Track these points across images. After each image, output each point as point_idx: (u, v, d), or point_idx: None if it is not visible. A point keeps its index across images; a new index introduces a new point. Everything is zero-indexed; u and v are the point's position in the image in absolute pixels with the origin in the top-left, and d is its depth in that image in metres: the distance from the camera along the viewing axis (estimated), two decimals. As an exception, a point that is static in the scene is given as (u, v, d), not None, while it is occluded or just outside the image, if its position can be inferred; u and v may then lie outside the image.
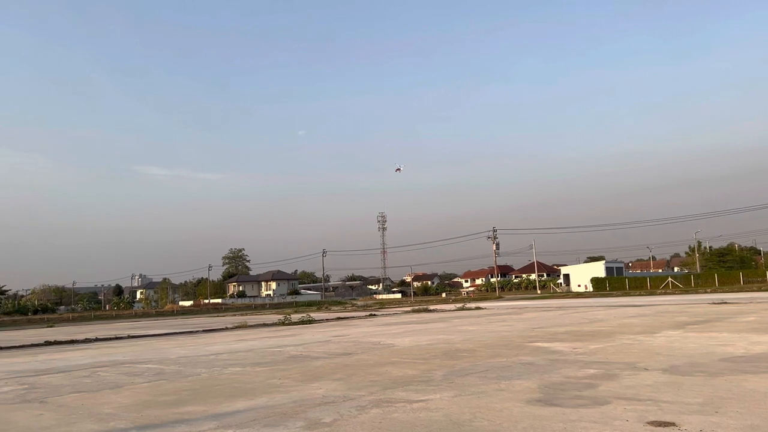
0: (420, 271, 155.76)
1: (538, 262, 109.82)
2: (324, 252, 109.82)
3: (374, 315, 35.55)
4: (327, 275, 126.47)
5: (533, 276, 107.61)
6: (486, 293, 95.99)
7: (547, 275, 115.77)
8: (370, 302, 74.98)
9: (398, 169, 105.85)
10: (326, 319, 31.80)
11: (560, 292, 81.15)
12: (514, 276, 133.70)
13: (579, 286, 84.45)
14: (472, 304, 45.23)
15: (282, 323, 28.48)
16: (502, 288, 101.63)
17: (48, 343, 21.92)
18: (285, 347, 15.85)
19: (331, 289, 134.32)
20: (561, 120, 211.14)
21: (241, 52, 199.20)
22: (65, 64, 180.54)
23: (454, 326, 21.75)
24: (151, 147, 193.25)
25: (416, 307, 44.40)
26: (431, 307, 43.20)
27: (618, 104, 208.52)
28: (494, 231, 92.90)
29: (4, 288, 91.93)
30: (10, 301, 77.61)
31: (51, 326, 43.95)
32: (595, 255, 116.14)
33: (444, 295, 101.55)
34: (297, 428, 6.02)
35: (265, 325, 29.19)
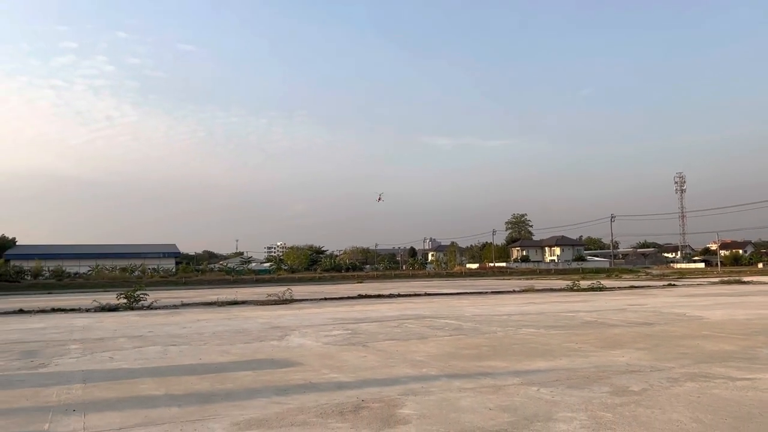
0: (727, 238, 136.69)
1: None
2: (612, 217, 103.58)
3: (673, 285, 32.51)
4: (616, 241, 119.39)
5: None
6: (819, 264, 79.99)
7: None
8: (666, 271, 68.76)
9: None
10: (618, 287, 30.16)
11: None
12: None
13: None
14: (801, 277, 38.21)
15: (570, 289, 27.88)
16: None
17: (360, 297, 25.06)
18: (577, 312, 15.51)
19: (620, 256, 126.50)
20: None
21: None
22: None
23: (778, 301, 18.70)
24: (437, 118, 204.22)
25: (725, 278, 39.27)
26: (745, 279, 37.77)
27: None
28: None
29: (323, 248, 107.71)
30: (328, 259, 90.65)
31: (360, 282, 50.12)
32: None
33: (761, 265, 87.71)
34: (603, 393, 5.86)
35: (552, 290, 28.94)
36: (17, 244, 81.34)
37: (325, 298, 24.41)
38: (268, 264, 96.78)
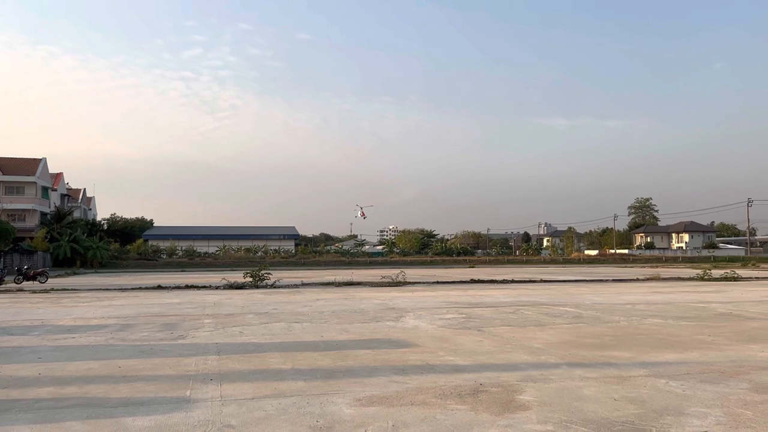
0: None
1: None
2: (749, 201, 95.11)
3: (823, 276, 29.36)
4: (753, 228, 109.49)
5: None
6: None
7: None
8: (814, 261, 62.09)
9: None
10: (755, 277, 27.77)
11: None
12: None
13: None
14: None
15: (700, 278, 26.06)
16: None
17: (473, 281, 24.92)
18: (709, 303, 14.48)
19: (758, 244, 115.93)
20: None
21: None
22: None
23: None
24: (551, 98, 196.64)
25: None
26: None
27: None
28: None
29: (434, 232, 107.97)
30: (439, 243, 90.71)
31: (472, 266, 49.81)
32: None
33: None
34: (741, 389, 5.47)
35: (680, 279, 27.18)
36: (154, 225, 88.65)
37: (438, 282, 24.54)
38: (380, 247, 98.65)
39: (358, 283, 22.85)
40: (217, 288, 21.05)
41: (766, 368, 6.48)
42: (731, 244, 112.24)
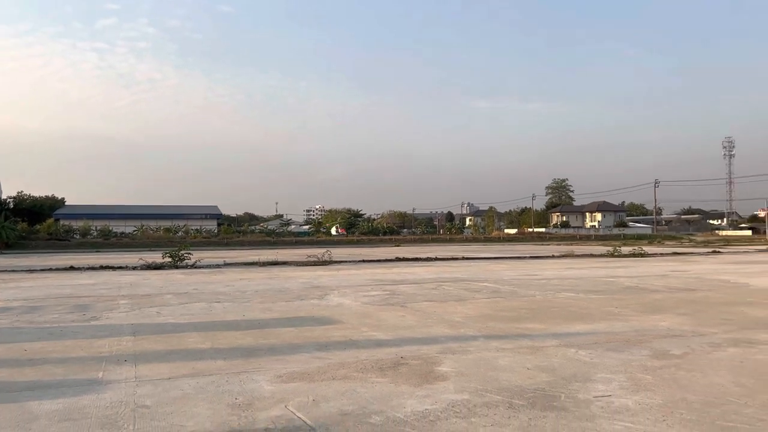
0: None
1: None
2: (656, 182, 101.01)
3: (718, 252, 31.74)
4: (659, 207, 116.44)
5: None
6: None
7: None
8: (711, 238, 66.87)
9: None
10: (660, 254, 29.60)
11: None
12: None
13: None
14: None
15: (611, 255, 27.50)
16: None
17: (398, 259, 25.24)
18: (617, 278, 15.33)
19: (664, 222, 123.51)
20: None
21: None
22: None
23: (830, 269, 18.10)
24: (474, 81, 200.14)
25: (774, 246, 38.07)
26: (795, 247, 36.53)
27: None
28: None
29: (360, 212, 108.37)
30: (365, 222, 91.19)
31: (397, 245, 50.37)
32: None
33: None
34: (643, 356, 5.84)
35: (592, 255, 28.59)
36: (66, 204, 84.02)
37: (364, 260, 24.68)
38: (306, 227, 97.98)
39: (283, 263, 22.63)
40: (134, 268, 20.27)
41: (666, 336, 6.94)
42: (640, 222, 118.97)
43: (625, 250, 28.97)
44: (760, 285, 13.13)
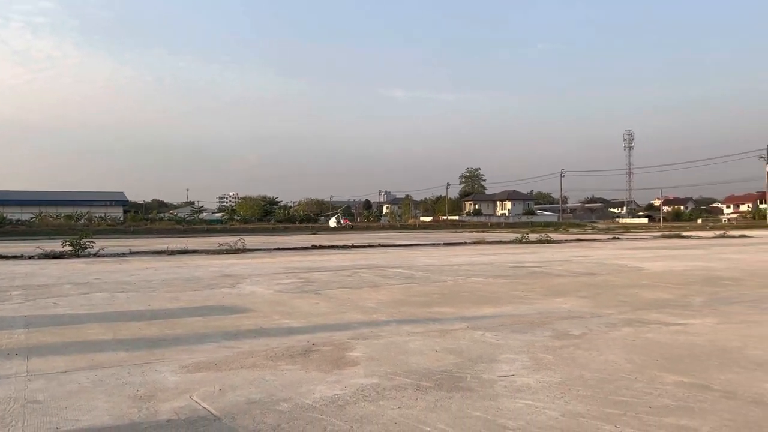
0: (671, 195, 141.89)
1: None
2: (562, 172, 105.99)
3: (617, 238, 33.71)
4: (565, 196, 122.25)
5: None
6: (753, 221, 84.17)
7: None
8: (612, 225, 71.05)
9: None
10: (564, 240, 31.08)
11: None
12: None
13: None
14: (736, 232, 40.18)
15: (519, 241, 28.57)
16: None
17: (314, 247, 25.08)
18: (525, 263, 15.96)
19: (569, 210, 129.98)
20: None
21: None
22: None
23: (713, 253, 19.67)
24: (393, 70, 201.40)
25: (666, 233, 40.95)
26: (684, 234, 39.44)
27: None
28: (768, 150, 79.98)
29: (276, 199, 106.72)
30: (282, 210, 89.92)
31: (314, 233, 50.08)
32: None
33: (700, 221, 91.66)
34: (545, 337, 6.11)
35: (502, 242, 29.60)
36: (-47, 189, 77.40)
37: (279, 248, 24.35)
38: (220, 214, 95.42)
39: (194, 251, 21.93)
40: (30, 258, 18.99)
41: (567, 318, 7.29)
42: (547, 210, 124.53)
43: (533, 236, 30.23)
44: (653, 269, 14.06)
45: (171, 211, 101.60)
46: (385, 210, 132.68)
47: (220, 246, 22.63)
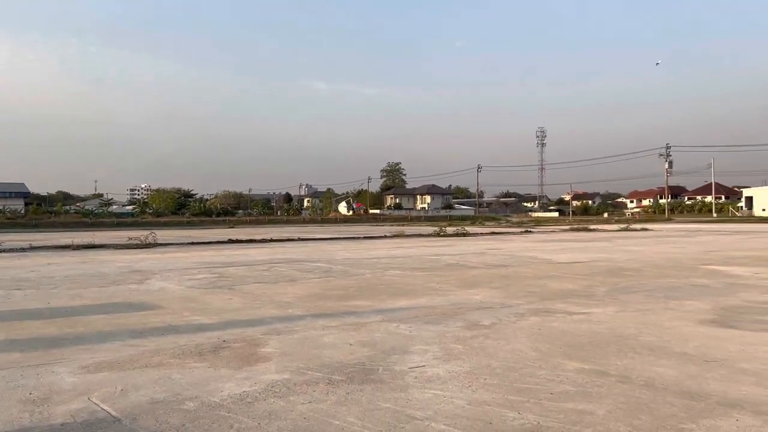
0: (580, 190, 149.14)
1: (716, 183, 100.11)
2: (479, 167, 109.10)
3: (530, 231, 35.04)
4: (481, 191, 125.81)
5: (709, 198, 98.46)
6: (653, 215, 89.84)
7: (726, 198, 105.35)
8: (525, 219, 73.75)
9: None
10: (480, 233, 31.95)
11: (741, 217, 73.64)
12: (686, 198, 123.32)
13: (764, 210, 75.91)
14: (638, 226, 42.75)
15: (437, 234, 29.11)
16: (672, 210, 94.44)
17: (231, 242, 24.52)
18: (441, 256, 16.28)
19: (485, 205, 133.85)
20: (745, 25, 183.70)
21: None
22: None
23: (617, 246, 20.81)
24: (316, 62, 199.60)
25: (575, 226, 42.94)
26: (591, 227, 41.53)
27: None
28: (667, 147, 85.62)
29: (192, 192, 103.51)
30: (197, 203, 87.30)
31: (232, 227, 48.94)
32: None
33: (606, 215, 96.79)
34: (457, 327, 6.25)
35: (420, 235, 30.07)
36: None
37: (193, 243, 23.63)
38: (131, 207, 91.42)
39: (101, 246, 20.86)
40: None
41: (478, 308, 7.49)
42: (464, 205, 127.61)
43: (450, 230, 30.88)
44: (561, 260, 14.70)
45: (78, 204, 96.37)
46: (306, 203, 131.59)
47: (130, 240, 21.64)
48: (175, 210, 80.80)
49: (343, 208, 72.52)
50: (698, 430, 3.34)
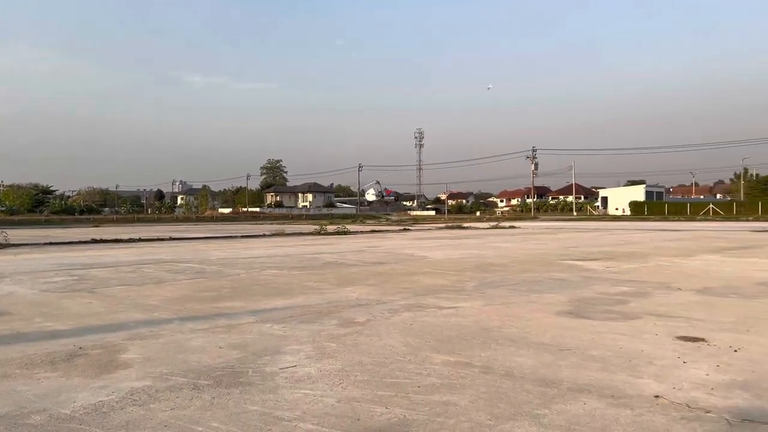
0: (455, 189, 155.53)
1: (576, 184, 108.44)
2: (360, 166, 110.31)
3: (408, 230, 35.94)
4: (362, 189, 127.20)
5: (570, 198, 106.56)
6: (521, 213, 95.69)
7: (585, 198, 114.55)
8: (404, 218, 75.60)
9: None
10: (361, 232, 32.30)
11: (597, 215, 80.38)
12: (550, 197, 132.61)
13: (617, 209, 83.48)
14: (507, 224, 45.25)
15: (318, 233, 29.04)
16: (537, 209, 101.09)
17: (95, 241, 22.91)
18: (321, 254, 16.25)
19: (367, 203, 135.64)
20: (608, 38, 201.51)
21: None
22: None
23: (487, 243, 21.89)
24: (191, 54, 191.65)
25: (450, 224, 44.66)
26: (465, 225, 43.40)
27: (667, 24, 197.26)
28: (533, 150, 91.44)
29: (52, 188, 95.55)
30: (58, 200, 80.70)
31: (97, 226, 45.74)
32: (636, 179, 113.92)
33: (479, 213, 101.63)
34: (331, 326, 6.25)
35: (301, 234, 29.84)
36: None
37: (51, 243, 21.80)
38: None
39: (-60, 247, 18.67)
40: None
41: (354, 306, 7.55)
42: (346, 203, 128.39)
43: (331, 228, 30.97)
44: (435, 257, 15.21)
45: None
46: (180, 201, 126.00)
47: (-25, 241, 19.54)
48: (32, 208, 74.20)
49: (371, 195, 68.63)
50: (551, 414, 3.58)
